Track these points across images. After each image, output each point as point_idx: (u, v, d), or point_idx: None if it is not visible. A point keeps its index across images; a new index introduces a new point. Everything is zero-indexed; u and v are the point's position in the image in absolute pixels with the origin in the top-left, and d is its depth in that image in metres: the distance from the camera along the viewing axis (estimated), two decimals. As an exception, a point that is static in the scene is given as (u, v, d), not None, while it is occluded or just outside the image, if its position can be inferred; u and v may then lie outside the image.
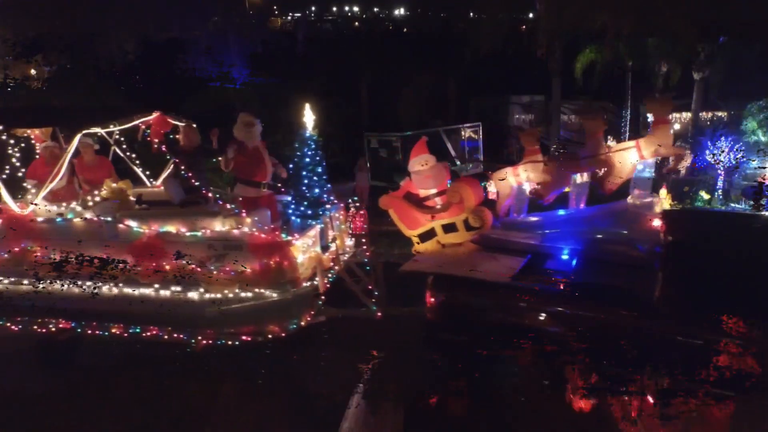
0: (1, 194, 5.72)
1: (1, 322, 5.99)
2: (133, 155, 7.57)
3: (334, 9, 45.72)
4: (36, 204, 5.72)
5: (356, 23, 35.03)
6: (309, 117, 6.50)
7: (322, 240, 6.20)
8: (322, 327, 5.90)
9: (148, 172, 7.66)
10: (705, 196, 6.37)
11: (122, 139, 7.46)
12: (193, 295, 5.52)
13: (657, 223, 5.11)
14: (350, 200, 7.26)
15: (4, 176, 5.94)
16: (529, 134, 6.12)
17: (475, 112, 21.31)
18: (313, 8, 45.08)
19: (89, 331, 5.89)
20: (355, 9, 45.91)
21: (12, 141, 6.06)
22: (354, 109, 19.60)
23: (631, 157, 5.64)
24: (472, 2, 17.17)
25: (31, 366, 6.00)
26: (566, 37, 14.59)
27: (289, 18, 42.97)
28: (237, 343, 5.58)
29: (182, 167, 5.84)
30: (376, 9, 42.85)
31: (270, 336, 5.50)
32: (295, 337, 5.60)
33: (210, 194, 6.00)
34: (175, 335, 5.68)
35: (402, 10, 41.45)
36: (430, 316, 5.13)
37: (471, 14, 18.24)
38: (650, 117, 6.76)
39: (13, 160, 5.98)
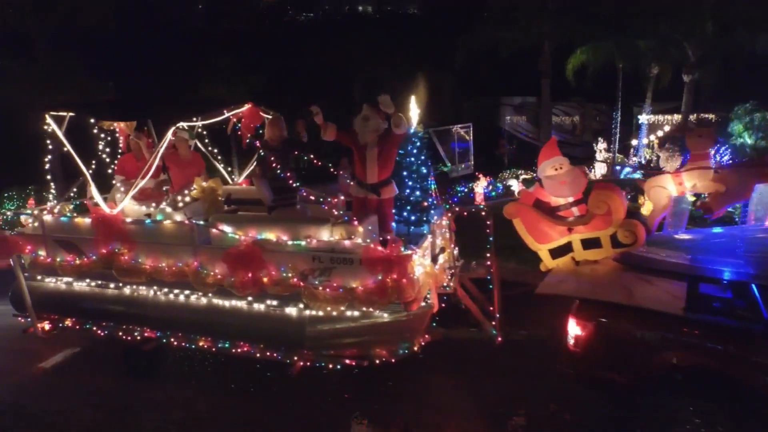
0: (91, 192, 5.29)
1: (87, 326, 5.71)
2: (215, 150, 7.14)
3: (347, 8, 45.11)
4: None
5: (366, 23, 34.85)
6: (414, 111, 5.78)
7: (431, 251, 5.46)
8: (436, 353, 5.15)
9: (229, 169, 7.28)
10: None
11: (204, 132, 7.03)
12: (291, 311, 4.91)
13: None
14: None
15: (90, 171, 5.55)
16: (701, 134, 5.02)
17: (468, 113, 21.39)
18: (326, 7, 44.51)
19: (174, 342, 5.44)
20: (369, 9, 45.19)
21: (102, 135, 5.66)
22: (346, 109, 19.50)
23: None
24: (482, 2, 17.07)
25: (106, 374, 5.69)
26: (565, 37, 14.51)
27: (302, 17, 42.66)
28: (339, 367, 4.91)
29: (276, 165, 5.24)
30: (389, 8, 42.32)
31: (377, 361, 4.78)
32: (405, 363, 4.87)
33: (313, 196, 5.36)
34: (268, 353, 5.08)
35: (414, 11, 40.85)
36: (576, 349, 4.28)
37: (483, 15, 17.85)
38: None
39: (104, 156, 5.57)
